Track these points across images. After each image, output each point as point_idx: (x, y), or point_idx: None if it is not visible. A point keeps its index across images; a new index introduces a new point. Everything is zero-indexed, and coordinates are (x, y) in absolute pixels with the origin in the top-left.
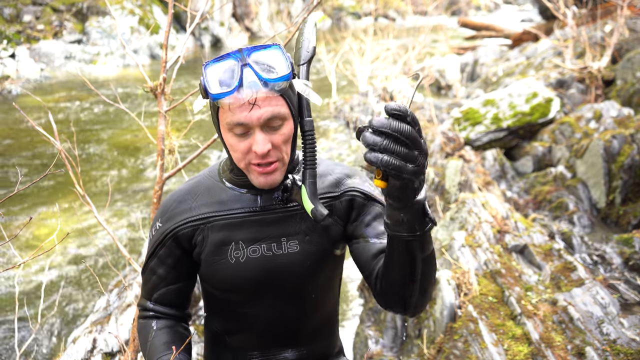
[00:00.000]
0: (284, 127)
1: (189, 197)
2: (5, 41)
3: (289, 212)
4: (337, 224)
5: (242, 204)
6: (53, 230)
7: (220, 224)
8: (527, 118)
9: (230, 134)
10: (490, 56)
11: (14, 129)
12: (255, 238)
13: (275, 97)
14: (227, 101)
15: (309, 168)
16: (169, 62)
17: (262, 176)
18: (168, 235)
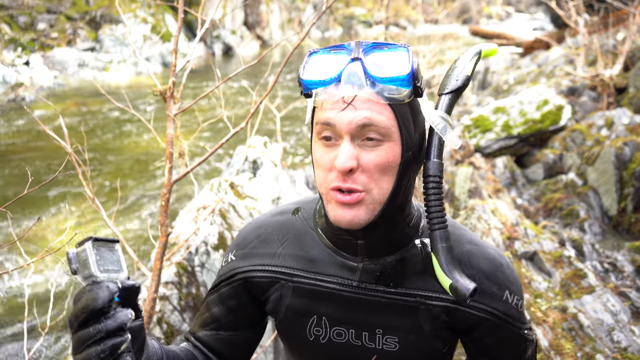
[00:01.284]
0: (383, 147)
1: (275, 238)
2: (20, 49)
3: (395, 300)
4: (448, 331)
5: (337, 270)
6: (63, 232)
7: (305, 289)
8: (538, 125)
9: (318, 145)
10: (502, 64)
11: (27, 134)
12: (344, 319)
13: (381, 105)
14: (320, 96)
15: (438, 228)
16: (179, 67)
17: (339, 207)
18: (239, 275)
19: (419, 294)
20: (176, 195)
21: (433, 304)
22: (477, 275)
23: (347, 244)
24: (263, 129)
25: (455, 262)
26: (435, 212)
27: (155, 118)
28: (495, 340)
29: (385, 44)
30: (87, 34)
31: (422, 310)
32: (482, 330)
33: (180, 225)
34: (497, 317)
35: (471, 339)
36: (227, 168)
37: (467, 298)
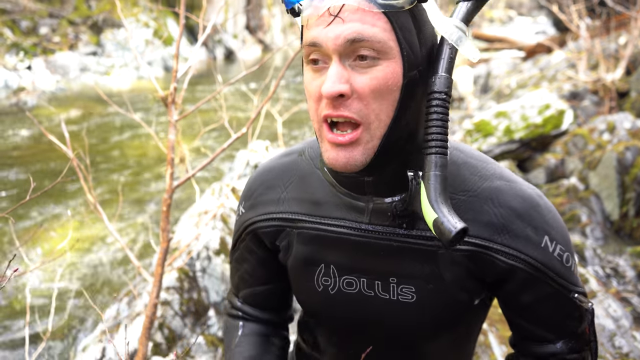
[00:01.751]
0: (380, 67)
1: (279, 182)
2: (22, 53)
3: (409, 244)
4: (473, 280)
5: (343, 212)
6: (64, 238)
7: (310, 235)
8: (540, 130)
9: (306, 69)
10: (504, 68)
11: (29, 139)
12: (354, 267)
13: (374, 14)
14: (305, 12)
15: (435, 152)
16: (180, 72)
17: (332, 149)
18: (247, 229)
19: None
20: (177, 200)
21: (454, 248)
22: (506, 214)
23: (353, 182)
24: (265, 132)
25: (447, 196)
26: (435, 134)
27: (156, 122)
28: (534, 299)
29: None
30: (89, 38)
31: (440, 255)
32: (516, 283)
33: (182, 230)
34: (534, 267)
35: (504, 294)
36: (229, 172)
37: (451, 240)
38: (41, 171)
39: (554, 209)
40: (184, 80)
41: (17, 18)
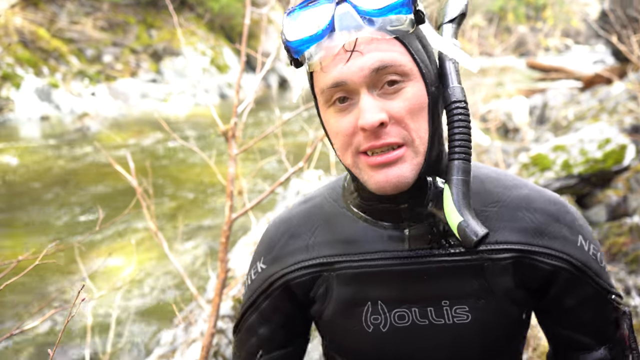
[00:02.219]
0: (408, 89)
1: (304, 229)
2: (87, 80)
3: (454, 262)
4: (521, 289)
5: (381, 244)
6: (125, 263)
7: (350, 274)
8: (600, 165)
9: (328, 112)
10: (560, 99)
11: (93, 163)
12: (403, 298)
13: (388, 41)
14: (316, 56)
15: (458, 158)
16: (241, 106)
17: (378, 171)
18: (276, 283)
19: (480, 248)
20: (233, 227)
21: (498, 257)
22: (541, 218)
23: (388, 212)
24: (317, 162)
25: (469, 202)
26: (460, 141)
27: (212, 146)
28: (577, 301)
29: None
30: (149, 66)
31: (487, 267)
32: (560, 285)
33: (237, 258)
34: (575, 266)
35: (548, 301)
36: (281, 201)
37: (475, 243)
38: (105, 195)
39: (578, 212)
40: (243, 114)
41: (83, 47)
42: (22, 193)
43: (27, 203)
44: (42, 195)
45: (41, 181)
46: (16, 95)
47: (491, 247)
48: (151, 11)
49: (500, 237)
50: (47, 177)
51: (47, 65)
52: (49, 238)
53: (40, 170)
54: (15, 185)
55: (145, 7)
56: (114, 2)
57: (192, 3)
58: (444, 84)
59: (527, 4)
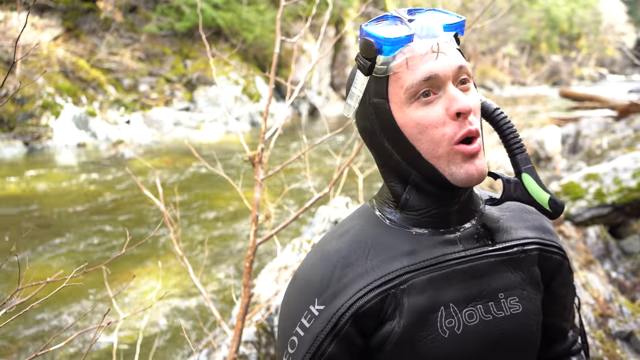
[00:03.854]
0: (472, 89)
1: (355, 257)
2: (123, 109)
3: (501, 256)
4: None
5: (438, 249)
6: (151, 287)
7: (423, 281)
8: (635, 194)
9: (413, 108)
10: (594, 128)
11: (126, 189)
12: (469, 296)
13: (455, 48)
14: (402, 57)
15: (520, 152)
16: (268, 133)
17: (466, 162)
18: (344, 317)
19: (515, 243)
20: (258, 253)
21: (529, 249)
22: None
23: (438, 218)
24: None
25: (541, 180)
26: (514, 137)
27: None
28: (564, 285)
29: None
30: (183, 95)
31: (522, 260)
32: (562, 274)
33: (262, 284)
34: (564, 253)
35: (549, 291)
36: (308, 227)
37: (563, 209)
38: (135, 219)
39: None
40: (271, 140)
41: (120, 76)
42: (55, 217)
43: (60, 226)
44: (74, 219)
45: (74, 205)
46: (55, 124)
47: (522, 242)
48: (187, 42)
49: (522, 233)
50: (80, 202)
51: (86, 95)
52: (79, 260)
53: (74, 194)
54: (49, 209)
55: (181, 38)
56: (152, 33)
57: (227, 34)
58: None
59: (560, 34)
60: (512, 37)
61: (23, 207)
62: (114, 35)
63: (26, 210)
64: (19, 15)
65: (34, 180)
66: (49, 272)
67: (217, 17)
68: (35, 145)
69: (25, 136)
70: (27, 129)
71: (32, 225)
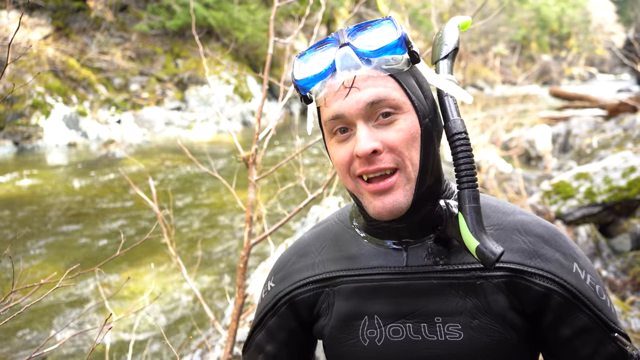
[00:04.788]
0: (400, 120)
1: (312, 249)
2: (114, 108)
3: (448, 279)
4: (515, 312)
5: (380, 260)
6: (145, 287)
7: (350, 288)
8: (624, 193)
9: (331, 143)
10: (584, 127)
11: (118, 188)
12: (398, 312)
13: (383, 78)
14: (321, 93)
15: (468, 187)
16: (262, 134)
17: (376, 198)
18: (282, 300)
19: (472, 267)
20: (252, 253)
21: (491, 275)
22: (534, 241)
23: (389, 231)
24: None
25: (483, 226)
26: (465, 170)
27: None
28: (572, 332)
29: (368, 23)
30: (174, 94)
31: (479, 286)
32: (554, 311)
33: (255, 284)
34: (568, 290)
35: (545, 329)
36: (301, 227)
37: (494, 262)
38: (127, 218)
39: (576, 245)
40: (264, 141)
41: (111, 76)
42: (47, 217)
43: (52, 226)
44: (65, 219)
45: (65, 205)
46: (45, 123)
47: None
48: (178, 41)
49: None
50: (72, 202)
51: (76, 94)
52: (71, 260)
53: (65, 194)
54: (40, 209)
55: (172, 37)
56: (143, 32)
57: (219, 33)
58: (445, 117)
59: (550, 33)
60: (502, 37)
61: (13, 208)
62: (105, 34)
63: (17, 210)
64: (8, 14)
65: (24, 180)
66: (42, 272)
67: (209, 16)
68: (25, 145)
69: (15, 136)
70: (16, 128)
71: (24, 226)
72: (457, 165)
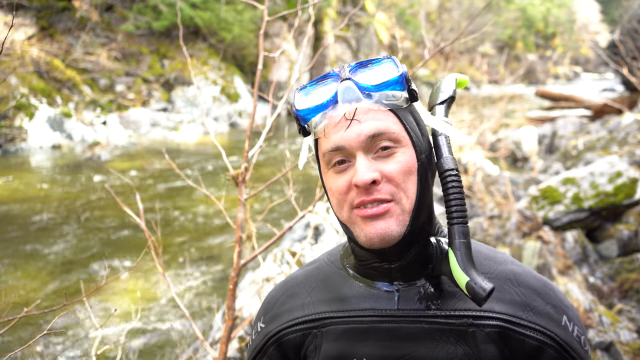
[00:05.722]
0: (399, 153)
1: (302, 289)
2: (99, 109)
3: (440, 324)
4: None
5: (371, 302)
6: (131, 302)
7: (339, 330)
8: (611, 199)
9: (329, 174)
10: (570, 128)
11: (102, 192)
12: (388, 356)
13: (383, 112)
14: (321, 124)
15: (457, 223)
16: (250, 152)
17: (368, 223)
18: (270, 340)
19: (465, 314)
20: None
21: (483, 323)
22: (526, 292)
23: (380, 272)
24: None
25: (473, 262)
26: (456, 206)
27: (217, 177)
28: None
29: (369, 61)
30: (160, 95)
31: (471, 334)
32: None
33: (243, 296)
34: (560, 345)
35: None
36: (289, 234)
37: (484, 297)
38: (113, 223)
39: (564, 294)
40: (253, 158)
41: (96, 76)
42: (30, 221)
43: (35, 231)
44: (50, 223)
45: (50, 209)
46: (29, 125)
47: (476, 314)
48: (164, 41)
49: (486, 305)
50: (56, 205)
51: (61, 95)
52: (54, 268)
53: (50, 198)
54: (24, 212)
55: (158, 38)
56: (129, 32)
57: (205, 33)
58: (438, 154)
59: (536, 33)
60: (489, 37)
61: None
62: (90, 34)
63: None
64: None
65: (7, 183)
66: (25, 283)
67: (195, 16)
68: (9, 147)
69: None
70: (0, 130)
71: (2, 232)
72: (448, 200)
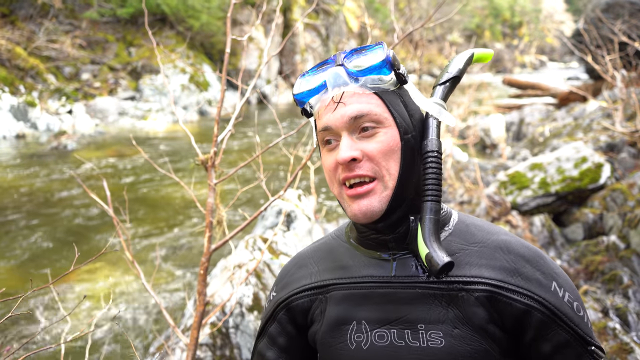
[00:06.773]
0: (381, 134)
1: (310, 261)
2: (64, 98)
3: (432, 289)
4: (495, 326)
5: (371, 270)
6: (100, 290)
7: (341, 295)
8: (577, 183)
9: (323, 152)
10: (536, 115)
11: (69, 182)
12: (384, 319)
13: (367, 95)
14: (315, 105)
15: (430, 200)
16: (220, 136)
17: (353, 201)
18: (280, 306)
19: (456, 279)
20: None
21: (472, 288)
22: (516, 260)
23: (378, 243)
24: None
25: (438, 237)
26: (430, 184)
27: (188, 163)
28: (554, 348)
29: (364, 47)
30: (128, 83)
31: (462, 298)
32: (533, 328)
33: (215, 283)
34: (547, 308)
35: (526, 345)
36: (261, 221)
37: (439, 270)
38: (80, 214)
39: (556, 264)
40: (223, 142)
41: (61, 65)
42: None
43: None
44: (15, 216)
45: (14, 201)
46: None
47: (466, 279)
48: (131, 29)
49: (476, 271)
50: (21, 197)
51: (24, 84)
52: (20, 258)
53: (13, 189)
54: None
55: (124, 25)
56: (93, 19)
57: (173, 21)
58: (424, 135)
59: (503, 22)
60: (457, 25)
61: None
62: (53, 21)
63: None
64: None
65: None
66: None
67: (162, 4)
68: None
69: None
70: None
71: None
72: (425, 179)
